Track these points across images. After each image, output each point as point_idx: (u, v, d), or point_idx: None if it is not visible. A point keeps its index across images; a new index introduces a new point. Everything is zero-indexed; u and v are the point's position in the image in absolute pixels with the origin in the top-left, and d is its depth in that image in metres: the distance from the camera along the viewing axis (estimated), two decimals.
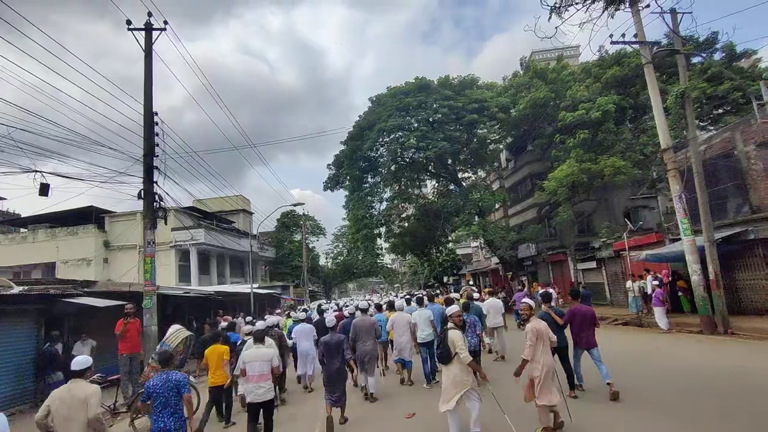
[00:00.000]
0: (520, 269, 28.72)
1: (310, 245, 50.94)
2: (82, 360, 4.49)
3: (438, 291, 23.78)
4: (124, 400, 8.45)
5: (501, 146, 29.78)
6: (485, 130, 23.41)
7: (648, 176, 21.15)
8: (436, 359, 5.89)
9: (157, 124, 11.45)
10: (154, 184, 11.47)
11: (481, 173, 32.07)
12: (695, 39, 21.28)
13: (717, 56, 21.12)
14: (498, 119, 23.39)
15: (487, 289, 20.50)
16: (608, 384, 6.75)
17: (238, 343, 8.27)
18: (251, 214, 45.84)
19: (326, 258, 60.18)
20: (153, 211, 11.43)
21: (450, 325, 5.68)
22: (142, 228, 11.22)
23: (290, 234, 50.48)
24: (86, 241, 30.20)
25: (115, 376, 9.65)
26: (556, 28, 8.10)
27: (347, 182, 26.29)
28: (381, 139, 23.65)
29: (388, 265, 68.72)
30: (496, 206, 28.48)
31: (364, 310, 9.21)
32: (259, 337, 6.25)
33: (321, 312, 12.74)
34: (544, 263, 28.50)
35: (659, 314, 13.42)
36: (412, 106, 22.32)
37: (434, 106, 22.30)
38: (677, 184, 13.06)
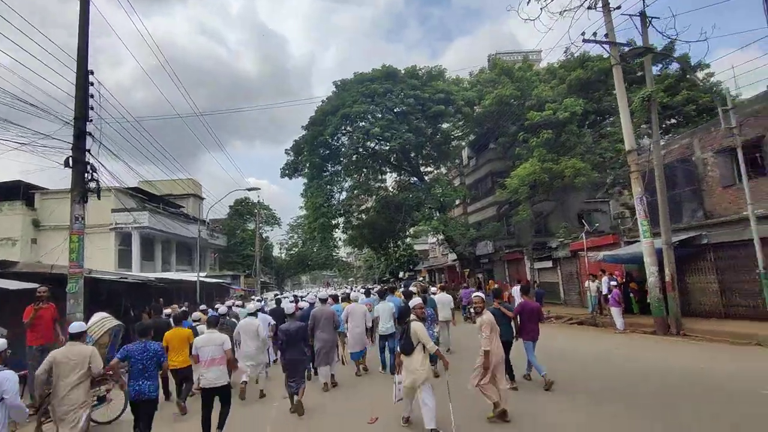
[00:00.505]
0: (477, 267, 28.80)
1: (264, 235, 49.22)
2: (77, 325, 5.33)
3: (398, 285, 23.30)
4: (31, 401, 7.22)
5: (464, 143, 29.67)
6: (450, 124, 23.03)
7: (605, 180, 21.62)
8: (399, 348, 5.84)
9: (92, 84, 10.02)
10: (87, 153, 10.05)
11: (443, 169, 31.89)
12: (654, 48, 21.95)
13: (673, 67, 21.86)
14: (463, 113, 23.12)
15: (439, 285, 20.92)
16: (542, 376, 7.31)
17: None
18: (202, 199, 43.55)
19: (280, 248, 58.53)
20: (83, 182, 10.03)
21: (412, 317, 5.78)
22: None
23: (243, 222, 48.60)
24: (12, 219, 27.44)
25: (22, 372, 8.22)
26: (541, 9, 7.65)
27: (306, 169, 25.16)
28: (344, 126, 22.75)
29: (344, 259, 67.86)
30: (457, 202, 28.35)
31: (324, 300, 9.00)
32: (212, 322, 6.26)
33: (279, 302, 12.55)
34: (500, 261, 28.72)
35: (616, 314, 13.52)
36: (378, 93, 21.55)
37: (400, 95, 21.65)
38: (639, 186, 13.16)
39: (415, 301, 6.16)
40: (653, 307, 12.84)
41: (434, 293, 11.67)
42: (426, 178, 26.89)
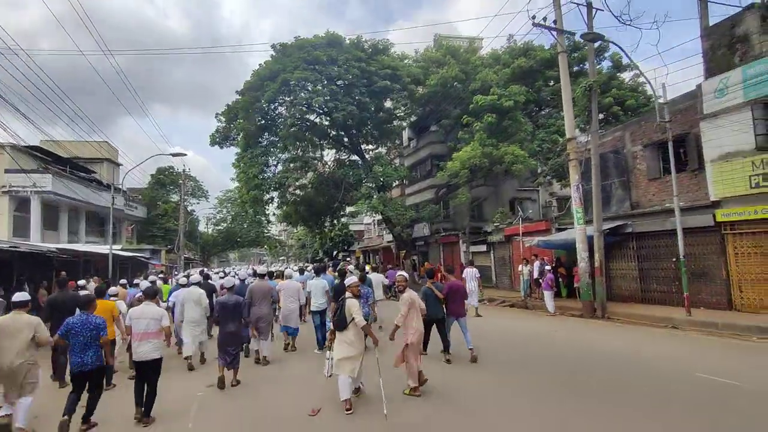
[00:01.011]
0: (412, 249, 28.88)
1: (189, 208, 45.92)
2: (21, 294, 5.57)
3: (329, 264, 22.53)
4: None
5: (405, 123, 29.21)
6: (395, 101, 22.37)
7: (539, 169, 22.36)
8: (332, 325, 5.94)
9: None
10: None
11: (382, 149, 31.33)
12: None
13: (604, 65, 22.87)
14: (408, 90, 22.58)
15: (369, 266, 20.45)
16: (470, 349, 7.97)
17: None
18: (118, 165, 39.41)
19: (207, 224, 55.16)
20: None
21: (348, 294, 5.89)
22: None
23: (166, 193, 44.90)
24: None
25: None
26: None
27: (240, 138, 23.37)
28: (283, 95, 21.25)
29: (275, 237, 65.69)
30: (395, 183, 28.03)
31: (262, 276, 8.83)
32: (150, 294, 6.08)
33: (207, 277, 12.48)
34: (436, 244, 29.03)
35: (548, 298, 13.94)
36: (321, 60, 20.29)
37: (345, 65, 20.57)
38: (576, 174, 13.52)
39: (351, 279, 6.30)
40: (582, 292, 13.39)
41: (367, 273, 11.86)
42: (366, 156, 26.18)
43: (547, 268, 14.42)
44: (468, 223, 22.76)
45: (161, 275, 20.66)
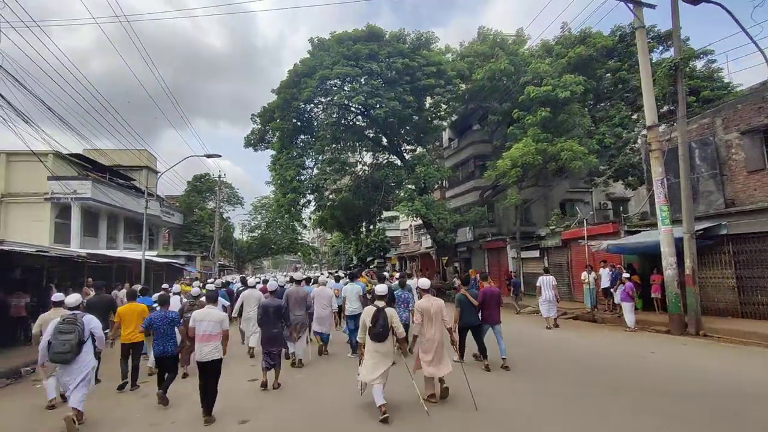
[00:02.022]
0: (454, 255, 27.14)
1: (225, 215, 45.85)
2: (60, 295, 6.93)
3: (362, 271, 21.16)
4: None
5: (445, 123, 27.56)
6: (439, 97, 20.79)
7: (599, 167, 20.26)
8: (372, 336, 5.68)
9: None
10: None
11: (421, 150, 29.87)
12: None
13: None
14: (453, 87, 21.04)
15: (395, 273, 19.96)
16: (503, 359, 7.83)
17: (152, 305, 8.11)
18: (156, 172, 39.68)
19: (242, 230, 55.07)
20: None
21: (383, 303, 5.82)
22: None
23: (202, 200, 44.95)
24: None
25: None
26: None
27: (276, 139, 22.44)
28: (321, 94, 20.11)
29: (309, 243, 65.12)
30: (436, 185, 26.39)
31: (298, 282, 9.42)
32: (212, 298, 6.25)
33: (245, 282, 12.59)
34: (480, 250, 27.20)
35: (627, 310, 12.01)
36: (362, 55, 19.07)
37: (387, 60, 19.27)
38: (660, 167, 11.62)
39: (381, 287, 6.17)
40: (670, 304, 11.40)
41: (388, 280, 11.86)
42: (406, 157, 24.75)
43: (625, 275, 12.46)
44: (518, 227, 20.89)
45: (196, 282, 19.92)
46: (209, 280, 17.21)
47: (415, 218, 25.46)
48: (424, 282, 6.66)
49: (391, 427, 5.25)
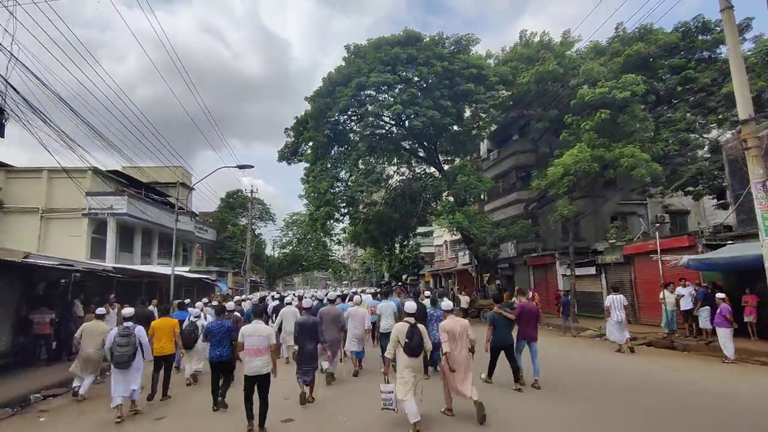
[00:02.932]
0: (495, 272, 25.37)
1: (256, 231, 45.71)
2: (102, 309, 8.58)
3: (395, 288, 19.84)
4: None
5: (484, 133, 26.06)
6: (481, 104, 19.39)
7: (662, 176, 18.29)
8: (408, 352, 5.70)
9: None
10: None
11: (457, 161, 28.47)
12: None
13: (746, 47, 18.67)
14: (496, 92, 19.72)
15: (423, 290, 18.81)
16: (535, 380, 7.64)
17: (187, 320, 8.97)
18: (191, 189, 39.91)
19: (273, 247, 54.80)
20: None
21: (413, 320, 5.93)
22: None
23: (235, 216, 45.02)
24: None
25: None
26: None
27: (309, 150, 21.61)
28: (356, 105, 19.16)
29: (340, 260, 64.21)
30: (473, 198, 24.76)
31: (332, 301, 9.43)
32: (258, 313, 6.55)
33: (282, 299, 13.03)
34: (524, 266, 25.35)
35: (725, 337, 10.10)
36: (400, 59, 18.08)
37: (426, 65, 18.15)
38: (760, 167, 9.85)
39: (409, 304, 6.35)
40: None
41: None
42: (445, 168, 23.41)
43: (720, 296, 10.58)
44: (571, 241, 19.07)
45: (227, 297, 19.09)
46: (236, 297, 16.50)
47: (454, 232, 23.94)
48: (447, 304, 6.92)
49: None
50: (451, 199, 21.07)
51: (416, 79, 18.29)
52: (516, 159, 26.30)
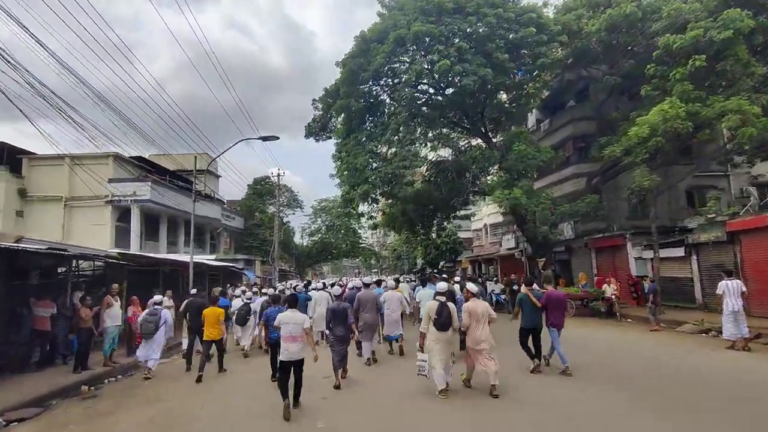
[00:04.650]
0: (550, 256, 22.49)
1: (285, 219, 44.26)
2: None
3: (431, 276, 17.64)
4: None
5: (534, 101, 22.78)
6: (544, 58, 16.19)
7: None
8: (438, 326, 6.55)
9: None
10: None
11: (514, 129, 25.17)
12: None
13: None
14: (559, 43, 16.68)
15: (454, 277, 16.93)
16: (565, 366, 7.66)
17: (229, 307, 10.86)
18: (218, 177, 38.52)
19: (302, 235, 53.26)
20: None
21: (443, 298, 6.80)
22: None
23: (263, 203, 43.61)
24: None
25: None
26: None
27: (340, 124, 19.22)
28: (397, 58, 16.51)
29: (370, 247, 62.18)
30: (530, 173, 21.78)
31: (368, 285, 9.72)
32: (292, 302, 6.68)
33: (307, 287, 14.04)
34: (584, 249, 22.39)
35: None
36: (446, 8, 15.29)
37: (476, 13, 15.31)
38: None
39: (441, 285, 7.31)
40: None
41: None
42: (494, 139, 20.58)
43: None
44: (654, 218, 16.04)
45: (255, 287, 17.23)
46: (263, 289, 15.19)
47: (501, 212, 21.14)
48: (472, 286, 7.29)
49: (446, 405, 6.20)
50: (502, 174, 18.33)
51: (468, 29, 15.44)
52: (573, 127, 23.16)
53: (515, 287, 16.36)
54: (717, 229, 14.29)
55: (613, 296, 15.55)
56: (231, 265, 22.80)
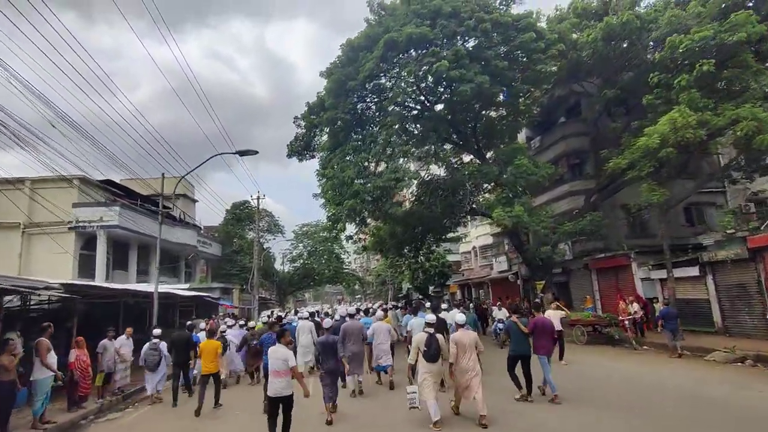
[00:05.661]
0: (549, 278, 21.22)
1: (265, 244, 42.34)
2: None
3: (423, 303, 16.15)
4: None
5: (521, 119, 21.90)
6: (543, 64, 15.30)
7: None
8: (427, 358, 6.64)
9: None
10: None
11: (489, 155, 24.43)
12: None
13: None
14: (557, 51, 15.80)
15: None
16: (554, 395, 7.58)
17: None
18: (194, 201, 36.54)
19: (283, 261, 51.12)
20: None
21: (432, 330, 6.90)
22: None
23: (242, 228, 41.67)
24: None
25: None
26: None
27: (325, 137, 17.84)
28: (387, 66, 15.34)
29: (354, 273, 60.20)
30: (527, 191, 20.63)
31: (352, 315, 9.77)
32: (279, 335, 6.53)
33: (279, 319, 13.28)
34: (582, 271, 21.24)
35: None
36: (443, 12, 14.26)
37: (472, 18, 14.36)
38: None
39: (430, 316, 7.58)
40: None
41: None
42: (487, 155, 19.50)
43: None
44: (664, 234, 14.98)
45: (230, 318, 15.56)
46: (230, 322, 13.82)
47: (502, 231, 19.88)
48: (461, 317, 7.37)
49: None
50: (500, 190, 17.16)
51: (466, 35, 14.45)
52: (566, 144, 22.37)
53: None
54: (736, 245, 13.25)
55: (638, 317, 14.23)
56: (206, 294, 20.80)
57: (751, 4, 14.86)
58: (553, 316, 11.29)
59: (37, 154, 11.97)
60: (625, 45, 16.55)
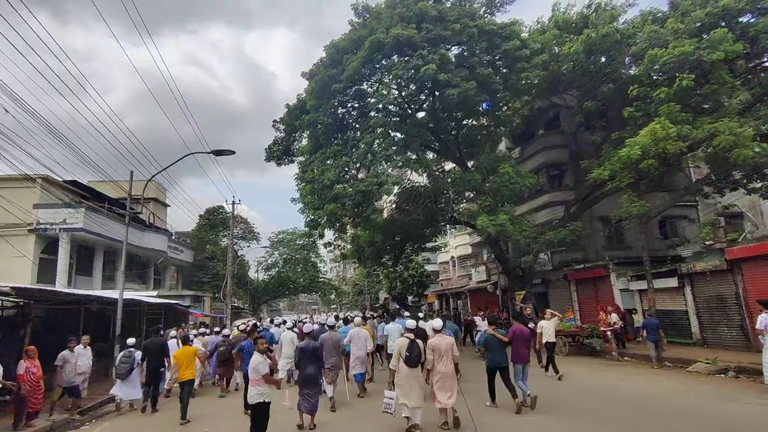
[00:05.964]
0: (530, 289, 21.17)
1: (239, 252, 41.18)
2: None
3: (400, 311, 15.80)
4: None
5: (501, 129, 21.97)
6: (526, 73, 15.34)
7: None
8: (408, 363, 6.58)
9: None
10: None
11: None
12: None
13: None
14: (541, 61, 15.87)
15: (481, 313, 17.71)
16: (527, 395, 7.76)
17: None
18: (166, 206, 35.19)
19: (258, 269, 49.90)
20: None
21: (412, 336, 6.90)
22: None
23: (215, 234, 40.41)
24: None
25: None
26: None
27: (306, 140, 17.35)
28: (372, 67, 15.01)
29: (331, 282, 59.30)
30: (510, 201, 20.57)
31: (332, 327, 9.39)
32: (254, 340, 6.96)
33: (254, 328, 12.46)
34: (561, 282, 21.30)
35: None
36: (429, 15, 14.07)
37: (458, 23, 14.22)
38: None
39: (410, 322, 7.58)
40: None
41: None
42: (469, 164, 19.37)
43: None
44: (645, 245, 15.10)
45: (202, 329, 14.82)
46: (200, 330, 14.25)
47: (485, 240, 19.70)
48: (438, 323, 7.25)
49: None
50: (483, 198, 17.00)
51: (452, 40, 14.30)
52: (546, 155, 22.56)
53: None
54: (715, 257, 13.40)
55: (618, 328, 14.18)
56: (175, 302, 19.82)
57: (723, 24, 15.32)
58: (550, 325, 11.10)
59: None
60: (603, 59, 16.77)
